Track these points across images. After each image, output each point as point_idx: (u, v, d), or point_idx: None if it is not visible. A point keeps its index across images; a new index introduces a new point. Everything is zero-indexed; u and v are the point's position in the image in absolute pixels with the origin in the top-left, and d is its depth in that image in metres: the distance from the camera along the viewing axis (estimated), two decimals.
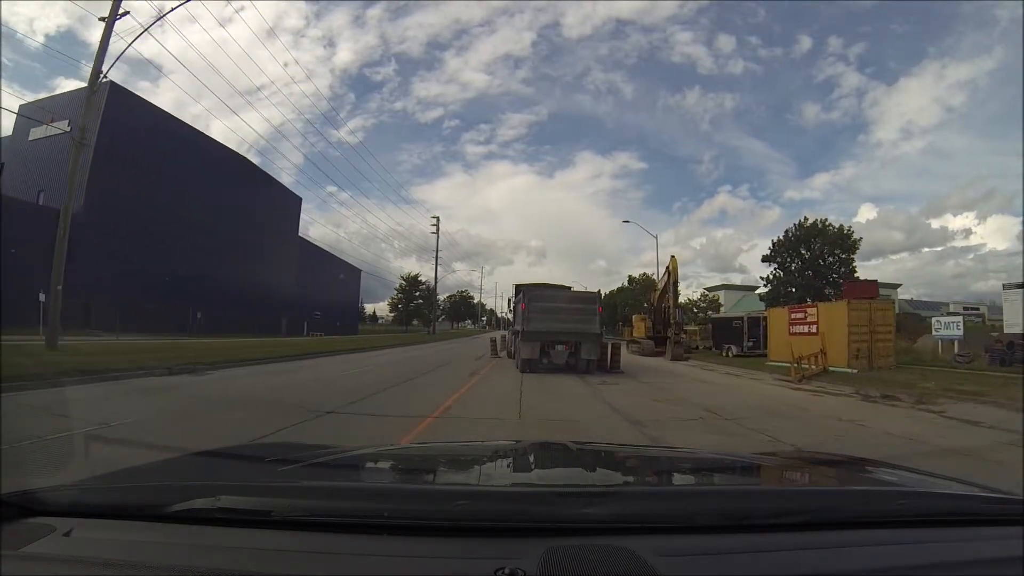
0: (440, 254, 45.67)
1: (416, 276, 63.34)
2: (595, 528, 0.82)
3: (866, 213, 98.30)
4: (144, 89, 47.74)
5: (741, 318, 22.40)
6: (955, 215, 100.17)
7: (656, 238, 30.32)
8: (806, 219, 29.87)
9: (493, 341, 18.85)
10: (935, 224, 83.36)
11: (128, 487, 1.08)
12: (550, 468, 1.53)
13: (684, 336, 23.35)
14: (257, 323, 32.44)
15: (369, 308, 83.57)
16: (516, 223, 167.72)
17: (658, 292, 24.80)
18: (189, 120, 37.27)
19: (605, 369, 12.78)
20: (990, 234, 78.92)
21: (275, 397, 7.18)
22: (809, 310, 16.86)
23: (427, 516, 0.84)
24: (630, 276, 62.48)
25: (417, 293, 63.44)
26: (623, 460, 1.73)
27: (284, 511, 0.84)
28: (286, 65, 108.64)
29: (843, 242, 28.44)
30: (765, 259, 30.79)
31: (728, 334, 23.02)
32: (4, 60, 24.01)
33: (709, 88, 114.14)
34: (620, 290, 64.08)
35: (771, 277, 30.56)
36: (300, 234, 47.81)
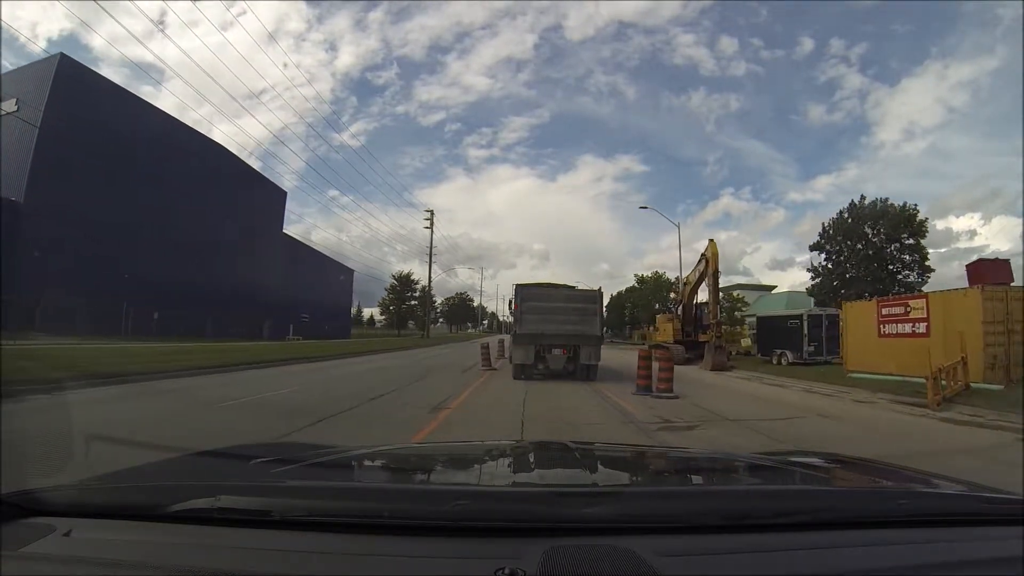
0: (442, 257, 41.51)
1: (408, 275, 58.50)
2: (595, 528, 0.84)
3: None
4: (146, 94, 44.90)
5: (799, 316, 18.08)
6: (959, 216, 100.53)
7: (678, 226, 26.29)
8: (863, 198, 25.09)
9: (485, 348, 15.63)
10: (940, 225, 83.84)
11: (128, 487, 1.12)
12: (550, 468, 1.56)
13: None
14: (235, 326, 31.40)
15: (367, 312, 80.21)
16: (519, 226, 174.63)
17: (690, 286, 20.26)
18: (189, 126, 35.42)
19: (646, 389, 9.61)
20: (994, 235, 78.67)
21: None
22: (913, 303, 13.69)
23: (427, 516, 0.87)
24: (640, 276, 57.41)
25: (409, 294, 58.23)
26: (623, 460, 1.77)
27: (284, 511, 0.87)
28: (285, 66, 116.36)
29: (909, 224, 23.40)
30: (813, 247, 26.18)
31: (781, 336, 19.89)
32: (5, 63, 22.71)
33: (711, 90, 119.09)
34: (629, 291, 59.51)
35: (819, 268, 25.63)
36: (297, 237, 47.78)
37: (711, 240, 19.17)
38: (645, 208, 32.26)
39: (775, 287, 53.35)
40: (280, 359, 15.10)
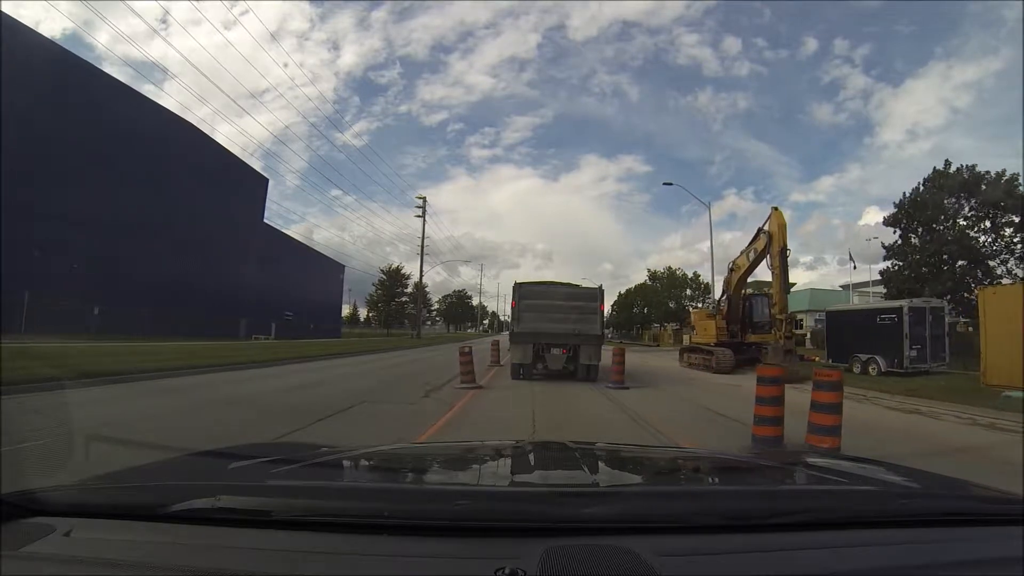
0: (444, 257, 36.97)
1: (398, 268, 53.47)
2: (595, 528, 0.86)
3: (873, 216, 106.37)
4: (148, 93, 41.40)
5: (895, 310, 15.48)
6: None
7: (708, 205, 21.86)
8: (948, 164, 20.00)
9: (467, 353, 11.08)
10: None
11: (128, 487, 1.14)
12: (550, 468, 1.55)
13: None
14: (205, 323, 28.85)
15: (364, 312, 76.79)
16: (522, 226, 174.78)
17: (739, 272, 15.20)
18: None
19: (768, 439, 5.49)
20: None
21: None
22: None
23: (427, 516, 0.89)
24: (653, 271, 52.61)
25: (400, 290, 53.17)
26: (623, 460, 1.76)
27: (284, 511, 0.90)
28: (287, 66, 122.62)
29: (1009, 197, 18.32)
30: (888, 222, 21.05)
31: (866, 337, 15.62)
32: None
33: (715, 91, 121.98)
34: (639, 288, 54.46)
35: (895, 248, 20.62)
36: (293, 234, 46.33)
37: (775, 209, 14.49)
38: (670, 184, 27.42)
39: (793, 284, 48.75)
40: (151, 370, 10.66)
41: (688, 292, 53.77)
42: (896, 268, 23.66)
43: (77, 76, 25.27)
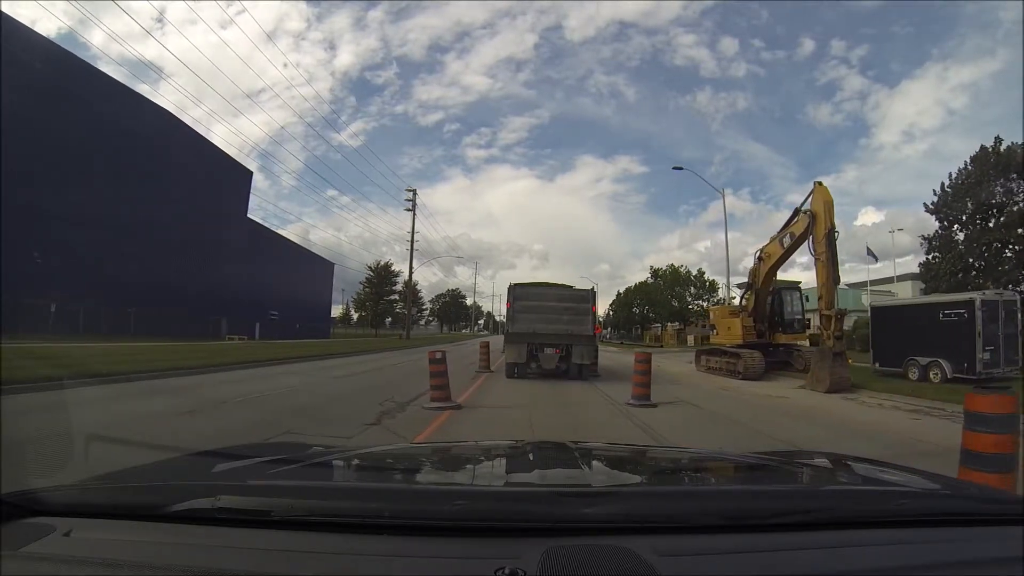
0: (440, 259, 34.90)
1: (387, 265, 51.02)
2: (595, 528, 0.88)
3: (870, 216, 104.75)
4: (144, 93, 40.42)
5: (966, 303, 12.55)
6: None
7: (722, 193, 19.82)
8: (999, 140, 17.57)
9: (437, 362, 8.23)
10: None
11: (128, 487, 1.15)
12: (550, 468, 1.56)
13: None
14: (185, 323, 27.66)
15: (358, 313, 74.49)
16: (518, 227, 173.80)
17: (769, 261, 12.56)
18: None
19: None
20: None
21: None
22: None
23: (427, 516, 0.91)
24: (655, 268, 50.57)
25: (388, 288, 50.66)
26: (623, 460, 1.76)
27: (284, 511, 0.91)
28: (284, 66, 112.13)
29: None
30: (931, 210, 18.63)
31: (925, 337, 13.10)
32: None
33: (712, 92, 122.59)
34: (639, 287, 52.17)
35: (935, 239, 18.28)
36: (288, 235, 46.04)
37: (818, 183, 12.03)
38: (680, 168, 25.01)
39: (799, 283, 47.02)
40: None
41: (692, 290, 51.50)
42: (937, 260, 21.38)
43: (55, 66, 23.42)
